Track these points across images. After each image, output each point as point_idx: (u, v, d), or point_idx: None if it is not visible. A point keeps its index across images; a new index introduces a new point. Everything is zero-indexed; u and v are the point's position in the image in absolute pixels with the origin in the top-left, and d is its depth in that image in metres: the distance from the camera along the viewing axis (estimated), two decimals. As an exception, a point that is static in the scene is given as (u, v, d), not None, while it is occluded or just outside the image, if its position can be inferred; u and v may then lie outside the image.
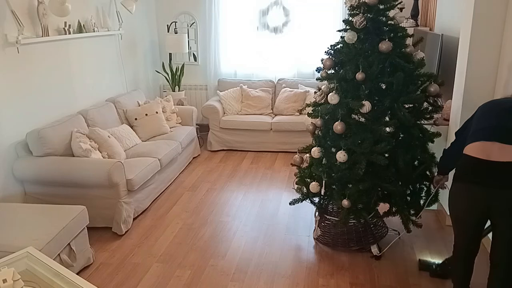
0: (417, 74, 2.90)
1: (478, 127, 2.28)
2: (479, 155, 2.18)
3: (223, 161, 5.19)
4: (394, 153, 2.88)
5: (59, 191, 3.43)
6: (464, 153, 2.27)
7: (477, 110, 2.41)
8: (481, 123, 2.28)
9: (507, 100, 2.33)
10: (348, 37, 2.83)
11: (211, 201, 4.11)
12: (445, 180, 2.86)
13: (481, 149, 2.18)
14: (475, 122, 2.34)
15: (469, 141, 2.28)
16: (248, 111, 5.60)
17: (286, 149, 5.38)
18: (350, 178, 2.87)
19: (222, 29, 5.87)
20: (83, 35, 4.27)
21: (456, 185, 2.30)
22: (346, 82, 2.86)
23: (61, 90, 4.05)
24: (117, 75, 5.10)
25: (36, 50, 3.68)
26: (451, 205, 2.36)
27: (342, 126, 2.81)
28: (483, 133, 2.22)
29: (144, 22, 5.77)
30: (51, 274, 2.07)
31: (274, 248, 3.28)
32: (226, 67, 6.07)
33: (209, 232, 3.53)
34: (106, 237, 3.43)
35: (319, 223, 3.29)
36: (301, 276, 2.94)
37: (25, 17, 3.52)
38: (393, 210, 3.07)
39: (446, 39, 3.96)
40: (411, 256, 3.13)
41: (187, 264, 3.08)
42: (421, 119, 2.98)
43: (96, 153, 3.67)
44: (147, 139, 4.64)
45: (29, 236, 2.60)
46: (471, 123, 2.40)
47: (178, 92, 5.85)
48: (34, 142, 3.49)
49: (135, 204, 3.65)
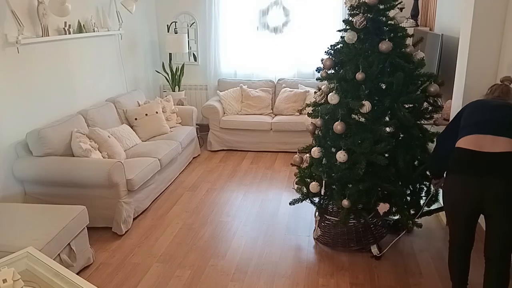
0: (417, 74, 2.90)
1: (470, 122, 2.34)
2: (472, 147, 2.23)
3: (223, 161, 5.19)
4: (394, 153, 2.88)
5: (59, 191, 3.43)
6: (457, 147, 2.32)
7: (464, 108, 2.46)
8: (473, 117, 2.34)
9: (494, 100, 2.42)
10: (348, 37, 2.83)
11: (211, 201, 4.11)
12: (442, 181, 2.85)
13: (474, 141, 2.24)
14: (466, 117, 2.39)
15: (462, 134, 2.33)
16: (248, 111, 5.60)
17: (286, 149, 5.38)
18: (350, 178, 2.87)
19: (222, 29, 5.87)
20: (83, 35, 4.27)
21: (450, 177, 2.35)
22: (346, 82, 2.86)
23: (61, 90, 4.05)
24: (117, 75, 5.10)
25: (36, 50, 3.68)
26: (445, 196, 2.39)
27: (342, 126, 2.81)
28: (477, 127, 2.28)
29: (144, 22, 5.77)
30: (51, 274, 2.07)
31: (274, 248, 3.28)
32: (226, 67, 6.07)
33: (209, 232, 3.53)
34: (106, 237, 3.43)
35: (319, 223, 3.29)
36: (301, 276, 2.94)
37: (25, 17, 3.52)
38: (393, 210, 3.07)
39: (446, 39, 3.96)
40: (411, 256, 3.13)
41: (187, 264, 3.08)
42: (421, 119, 2.98)
43: (96, 153, 3.67)
44: (147, 139, 4.64)
45: (29, 236, 2.60)
46: (456, 123, 2.44)
47: (178, 92, 5.85)
48: (34, 142, 3.49)
49: (135, 204, 3.65)
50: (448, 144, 2.44)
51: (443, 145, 2.56)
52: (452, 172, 2.34)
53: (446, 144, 2.48)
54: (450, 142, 2.43)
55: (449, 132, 2.51)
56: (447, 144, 2.46)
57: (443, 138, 2.57)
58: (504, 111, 2.28)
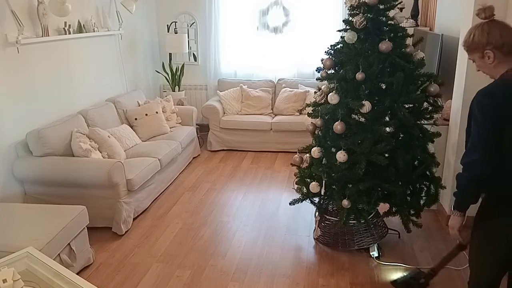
0: (417, 74, 2.90)
1: None
2: None
3: (223, 161, 5.19)
4: (394, 153, 2.88)
5: (59, 191, 3.43)
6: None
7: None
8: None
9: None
10: (348, 37, 2.83)
11: (211, 201, 4.11)
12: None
13: None
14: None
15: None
16: (248, 111, 5.60)
17: (286, 149, 5.38)
18: (350, 178, 2.87)
19: (222, 29, 5.87)
20: (83, 35, 4.27)
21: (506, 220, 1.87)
22: (346, 82, 2.86)
23: (61, 90, 4.05)
24: (117, 75, 5.10)
25: (36, 50, 3.68)
26: (499, 241, 1.91)
27: (342, 126, 2.81)
28: None
29: (144, 22, 5.76)
30: (51, 274, 2.06)
31: (274, 248, 3.28)
32: (226, 67, 6.07)
33: (209, 232, 3.53)
34: (106, 237, 3.43)
35: (319, 223, 3.28)
36: (301, 276, 2.94)
37: (25, 17, 3.52)
38: (393, 210, 3.07)
39: (446, 39, 3.96)
40: (411, 256, 3.13)
41: (187, 264, 3.08)
42: (421, 119, 2.98)
43: (96, 153, 3.67)
44: (147, 139, 4.63)
45: (29, 236, 2.60)
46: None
47: (178, 92, 5.85)
48: (34, 142, 3.49)
49: (135, 204, 3.65)
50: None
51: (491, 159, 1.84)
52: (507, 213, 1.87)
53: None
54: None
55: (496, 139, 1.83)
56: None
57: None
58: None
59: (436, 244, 3.28)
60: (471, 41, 1.91)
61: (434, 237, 3.37)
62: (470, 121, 1.89)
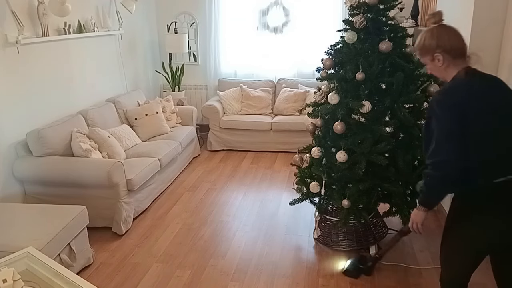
0: (417, 74, 2.90)
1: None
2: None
3: (223, 161, 5.19)
4: (394, 153, 2.88)
5: (59, 191, 3.43)
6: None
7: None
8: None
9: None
10: (348, 37, 2.83)
11: (211, 201, 4.11)
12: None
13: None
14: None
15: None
16: (248, 111, 5.60)
17: (286, 149, 5.38)
18: (350, 178, 2.87)
19: (222, 29, 5.87)
20: (83, 35, 4.27)
21: (486, 219, 1.90)
22: (346, 82, 2.86)
23: (61, 90, 4.05)
24: (117, 75, 5.10)
25: (36, 50, 3.68)
26: (475, 239, 1.95)
27: (342, 126, 2.81)
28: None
29: (144, 22, 5.76)
30: (51, 274, 2.06)
31: (274, 248, 3.28)
32: (226, 67, 6.07)
33: (209, 232, 3.53)
34: (106, 237, 3.43)
35: (319, 223, 3.28)
36: (301, 276, 2.94)
37: (25, 17, 3.52)
38: (393, 210, 3.07)
39: (446, 39, 3.95)
40: (411, 256, 3.13)
41: (187, 264, 3.08)
42: (421, 119, 2.98)
43: (96, 153, 3.67)
44: (147, 139, 4.63)
45: (29, 236, 2.60)
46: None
47: (178, 92, 5.84)
48: (34, 142, 3.49)
49: (135, 204, 3.65)
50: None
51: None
52: (488, 212, 1.90)
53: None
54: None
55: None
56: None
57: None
58: None
59: (436, 244, 3.26)
60: (422, 44, 1.97)
61: (434, 237, 3.37)
62: (429, 122, 1.93)
